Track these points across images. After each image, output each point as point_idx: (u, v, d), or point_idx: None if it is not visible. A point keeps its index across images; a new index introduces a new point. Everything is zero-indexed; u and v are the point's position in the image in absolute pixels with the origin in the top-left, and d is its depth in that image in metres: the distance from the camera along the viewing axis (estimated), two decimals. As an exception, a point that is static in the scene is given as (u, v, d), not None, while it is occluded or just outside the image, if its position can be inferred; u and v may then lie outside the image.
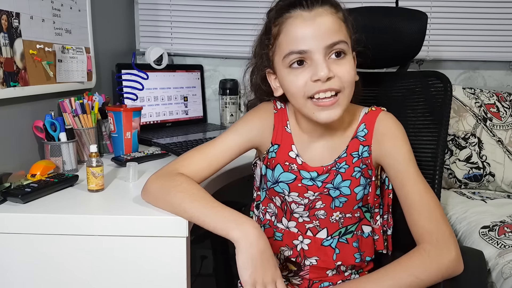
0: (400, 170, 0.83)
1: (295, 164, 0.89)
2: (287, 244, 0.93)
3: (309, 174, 0.88)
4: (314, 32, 0.76)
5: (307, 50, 0.77)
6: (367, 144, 0.87)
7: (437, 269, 0.76)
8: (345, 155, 0.88)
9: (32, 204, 0.85)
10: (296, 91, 0.80)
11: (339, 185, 0.87)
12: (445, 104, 1.01)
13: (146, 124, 1.58)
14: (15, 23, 0.99)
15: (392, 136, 0.86)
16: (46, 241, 0.81)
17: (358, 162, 0.87)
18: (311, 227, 0.91)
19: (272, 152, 0.90)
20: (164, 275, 0.82)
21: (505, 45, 1.73)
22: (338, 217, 0.90)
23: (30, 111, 1.08)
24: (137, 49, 1.83)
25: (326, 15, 0.77)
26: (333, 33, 0.77)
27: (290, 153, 0.90)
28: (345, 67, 0.78)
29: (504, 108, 1.52)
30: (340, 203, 0.88)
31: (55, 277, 0.82)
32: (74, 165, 1.09)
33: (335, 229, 0.91)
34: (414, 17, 1.11)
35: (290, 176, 0.89)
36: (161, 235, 0.80)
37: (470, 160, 1.48)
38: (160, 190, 0.82)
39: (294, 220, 0.92)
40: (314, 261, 0.92)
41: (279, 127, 0.91)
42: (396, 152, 0.84)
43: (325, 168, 0.88)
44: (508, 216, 1.24)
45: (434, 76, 1.05)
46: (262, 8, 1.73)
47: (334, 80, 0.77)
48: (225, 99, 1.77)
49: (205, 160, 0.87)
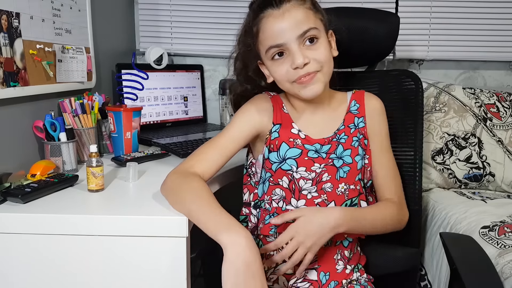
0: (381, 143, 1.01)
1: (298, 139, 0.96)
2: None
3: (313, 146, 0.96)
4: (285, 26, 0.87)
5: (282, 44, 0.88)
6: (361, 115, 1.00)
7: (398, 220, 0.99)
8: (343, 127, 0.99)
9: (32, 204, 0.85)
10: (280, 79, 0.93)
11: (341, 154, 0.96)
12: (418, 101, 1.12)
13: (146, 124, 1.58)
14: (15, 23, 0.99)
15: (380, 112, 1.02)
16: (46, 241, 0.81)
17: (356, 132, 0.99)
18: (320, 201, 0.95)
19: (275, 132, 0.97)
20: (164, 275, 0.82)
21: (505, 45, 1.73)
22: (343, 189, 0.96)
23: (30, 111, 1.08)
24: (137, 49, 1.83)
25: (294, 9, 0.88)
26: (302, 23, 0.87)
27: (292, 130, 0.97)
28: (319, 50, 0.89)
29: (504, 108, 1.52)
30: (344, 173, 0.95)
31: (55, 277, 0.83)
32: (74, 165, 1.09)
33: (342, 201, 0.95)
34: (385, 19, 1.15)
35: (296, 151, 0.95)
36: (161, 235, 0.80)
37: (470, 160, 1.48)
38: (173, 185, 0.87)
39: (303, 198, 0.95)
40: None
41: (277, 108, 0.99)
42: (381, 127, 1.01)
43: (326, 140, 0.97)
44: (508, 216, 1.23)
45: (405, 74, 1.15)
46: (262, 8, 1.74)
47: (311, 64, 0.88)
48: (225, 99, 1.77)
49: (217, 152, 0.94)
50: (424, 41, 1.74)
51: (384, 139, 1.02)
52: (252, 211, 1.03)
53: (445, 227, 1.29)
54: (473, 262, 0.90)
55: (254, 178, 1.03)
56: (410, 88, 1.13)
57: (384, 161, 1.01)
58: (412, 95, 1.12)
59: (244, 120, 0.98)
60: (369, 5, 1.58)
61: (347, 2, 0.88)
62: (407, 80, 1.13)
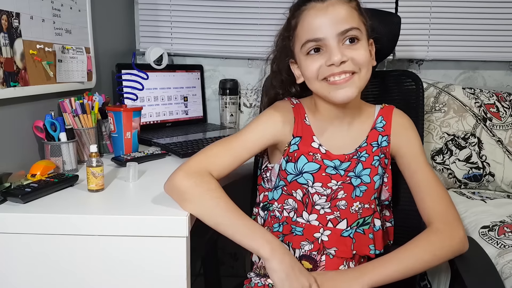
0: (414, 159, 0.94)
1: (319, 154, 0.93)
2: (308, 238, 0.93)
3: (333, 162, 0.92)
4: (326, 21, 0.83)
5: (321, 38, 0.83)
6: (386, 134, 0.95)
7: (450, 246, 0.85)
8: (365, 144, 0.94)
9: (32, 204, 0.85)
10: (310, 75, 0.87)
11: (360, 173, 0.92)
12: (419, 101, 1.12)
13: (146, 124, 1.58)
14: (15, 23, 0.99)
15: (409, 128, 0.96)
16: (46, 241, 0.81)
17: (377, 151, 0.94)
18: (332, 218, 0.93)
19: (294, 144, 0.93)
20: (164, 275, 0.82)
21: (505, 45, 1.73)
22: (357, 207, 0.93)
23: (30, 111, 1.08)
24: (137, 49, 1.83)
25: (338, 5, 0.84)
26: (345, 21, 0.83)
27: (313, 144, 0.93)
28: (359, 51, 0.84)
29: (504, 108, 1.52)
30: (360, 192, 0.92)
31: (55, 277, 0.83)
32: (74, 165, 1.09)
33: (354, 219, 0.93)
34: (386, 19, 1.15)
35: (314, 166, 0.92)
36: (161, 235, 0.81)
37: (470, 160, 1.48)
38: (194, 190, 0.84)
39: (315, 213, 0.93)
40: (333, 252, 0.93)
41: (299, 120, 0.95)
42: (412, 142, 0.95)
43: (346, 156, 0.93)
44: (508, 216, 1.24)
45: (405, 75, 1.15)
46: (262, 8, 1.75)
47: (348, 63, 0.83)
48: (225, 99, 1.77)
49: (231, 156, 0.91)
50: (424, 41, 1.74)
51: (416, 154, 0.94)
52: (260, 212, 1.02)
53: (445, 227, 1.29)
54: (473, 262, 0.90)
55: (267, 184, 1.01)
56: (411, 88, 1.13)
57: (420, 177, 0.92)
58: (413, 96, 1.12)
59: (263, 128, 0.93)
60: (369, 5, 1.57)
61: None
62: (408, 80, 1.14)
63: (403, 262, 0.84)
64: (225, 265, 1.92)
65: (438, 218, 0.88)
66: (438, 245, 0.85)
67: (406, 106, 1.11)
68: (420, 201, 0.91)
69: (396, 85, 1.15)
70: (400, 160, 0.96)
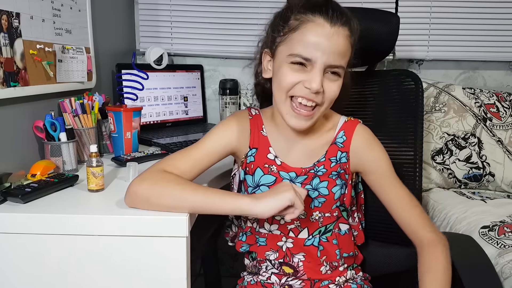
0: (383, 177, 0.92)
1: (274, 166, 0.92)
2: (272, 248, 0.95)
3: (288, 174, 0.91)
4: (325, 48, 0.80)
5: (312, 59, 0.81)
6: (345, 150, 0.92)
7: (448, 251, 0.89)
8: (323, 159, 0.92)
9: (32, 204, 0.85)
10: (285, 85, 0.84)
11: (318, 186, 0.91)
12: (418, 101, 1.11)
13: (146, 124, 1.58)
14: (15, 23, 0.99)
15: (372, 145, 0.93)
16: (46, 241, 0.81)
17: (336, 167, 0.92)
18: (293, 227, 0.94)
19: (251, 156, 0.93)
20: (164, 275, 0.82)
21: (505, 45, 1.73)
22: (318, 217, 0.93)
23: (30, 111, 1.08)
24: (137, 49, 1.83)
25: (342, 37, 0.82)
26: (339, 56, 0.82)
27: (269, 155, 0.92)
28: (335, 87, 0.84)
29: (504, 108, 1.52)
30: (319, 203, 0.92)
31: (55, 277, 0.83)
32: (74, 165, 1.09)
33: (315, 228, 0.93)
34: (385, 19, 1.14)
35: (270, 178, 0.91)
36: (161, 235, 0.81)
37: (470, 160, 1.48)
38: (153, 188, 0.82)
39: (275, 223, 0.94)
40: (302, 257, 0.94)
41: (255, 131, 0.94)
42: (377, 160, 0.92)
43: (303, 170, 0.91)
44: (508, 216, 1.24)
45: (404, 75, 1.14)
46: (262, 8, 1.75)
47: (320, 95, 0.83)
48: (225, 99, 1.77)
49: (189, 162, 0.89)
50: (424, 41, 1.74)
51: (384, 173, 0.92)
52: (234, 220, 1.04)
53: (445, 227, 1.29)
54: (472, 262, 0.90)
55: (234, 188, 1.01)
56: (410, 88, 1.13)
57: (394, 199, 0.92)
58: (412, 95, 1.12)
59: (219, 138, 0.93)
60: (369, 5, 1.58)
61: (347, 2, 0.87)
62: (407, 80, 1.14)
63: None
64: (225, 265, 1.92)
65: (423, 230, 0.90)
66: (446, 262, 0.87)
67: (406, 105, 1.12)
68: (399, 218, 0.92)
69: (396, 84, 1.15)
70: (367, 177, 0.94)
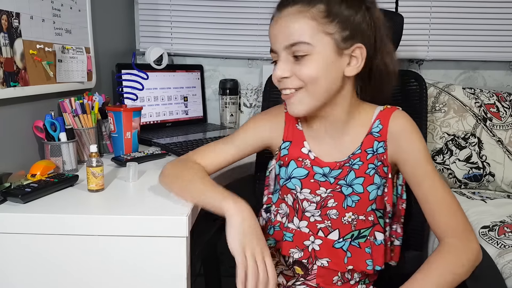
0: (418, 166, 0.84)
1: (308, 160, 0.90)
2: (297, 246, 0.91)
3: (322, 169, 0.88)
4: (276, 33, 0.80)
5: (274, 50, 0.82)
6: (382, 139, 0.86)
7: (468, 261, 0.79)
8: (359, 151, 0.87)
9: (32, 204, 0.85)
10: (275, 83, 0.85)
11: (352, 182, 0.86)
12: (422, 102, 1.10)
13: (146, 124, 1.58)
14: (15, 23, 0.99)
15: (410, 132, 0.86)
16: (46, 241, 0.81)
17: (373, 158, 0.86)
18: (323, 227, 0.90)
19: (284, 149, 0.93)
20: (164, 275, 0.82)
21: (505, 45, 1.73)
22: (350, 219, 0.88)
23: (30, 111, 1.08)
24: (137, 49, 1.83)
25: (291, 16, 0.78)
26: (292, 35, 0.78)
27: (303, 149, 0.91)
28: (305, 66, 0.79)
29: (504, 108, 1.52)
30: (352, 202, 0.87)
31: (55, 277, 0.83)
32: (74, 165, 1.09)
33: (348, 231, 0.89)
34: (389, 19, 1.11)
35: (302, 171, 0.89)
36: (161, 235, 0.81)
37: (470, 160, 1.48)
38: (174, 170, 0.91)
39: (305, 220, 0.91)
40: (325, 263, 0.89)
41: (290, 125, 0.93)
42: (413, 148, 0.85)
43: (338, 164, 0.88)
44: (508, 216, 1.24)
45: (408, 75, 1.13)
46: (262, 8, 1.75)
47: (292, 79, 0.81)
48: (225, 99, 1.77)
49: (219, 157, 0.95)
50: (424, 41, 1.74)
51: (419, 162, 0.84)
52: (263, 214, 1.02)
53: (445, 227, 1.29)
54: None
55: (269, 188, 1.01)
56: (414, 89, 1.11)
57: (427, 191, 0.83)
58: (416, 96, 1.10)
59: (254, 133, 0.95)
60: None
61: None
62: (411, 80, 1.12)
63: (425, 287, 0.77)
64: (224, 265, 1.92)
65: (450, 232, 0.81)
66: (456, 263, 0.79)
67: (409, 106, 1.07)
68: (429, 214, 0.84)
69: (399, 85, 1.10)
70: (402, 168, 0.86)
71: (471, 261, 0.79)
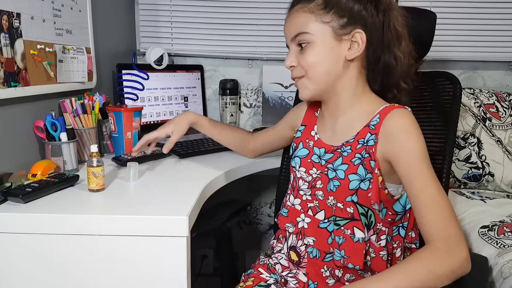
0: (409, 167, 0.81)
1: (312, 141, 0.98)
2: (292, 221, 0.97)
3: (319, 150, 0.95)
4: (285, 30, 0.93)
5: (287, 44, 0.94)
6: (375, 132, 0.85)
7: (449, 265, 0.73)
8: (352, 140, 0.89)
9: (32, 204, 0.86)
10: None
11: (337, 168, 0.89)
12: (454, 105, 0.98)
13: (146, 124, 1.58)
14: (16, 23, 1.00)
15: (403, 133, 0.83)
16: (47, 241, 0.82)
17: (361, 149, 0.86)
18: (312, 206, 0.94)
19: (299, 131, 1.03)
20: (164, 274, 0.82)
21: (505, 45, 1.74)
22: (332, 203, 0.90)
23: (31, 111, 1.08)
24: (138, 49, 1.84)
25: (295, 13, 0.89)
26: (295, 27, 0.89)
27: (312, 132, 1.00)
28: (305, 55, 0.89)
29: (504, 108, 1.52)
30: (334, 186, 0.88)
31: (55, 277, 0.83)
32: (75, 165, 1.09)
33: (330, 214, 0.91)
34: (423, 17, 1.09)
35: (304, 151, 0.98)
36: (161, 235, 0.81)
37: (469, 160, 1.49)
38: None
39: (299, 198, 0.97)
40: (311, 241, 0.92)
41: (310, 111, 1.04)
42: (406, 148, 0.81)
43: (332, 148, 0.93)
44: (507, 216, 1.24)
45: (443, 76, 1.03)
46: (262, 9, 1.75)
47: (297, 69, 0.91)
48: (225, 99, 1.78)
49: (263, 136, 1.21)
50: (424, 41, 1.74)
51: (410, 164, 0.80)
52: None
53: (445, 227, 1.29)
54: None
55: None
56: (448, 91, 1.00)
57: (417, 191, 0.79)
58: (449, 99, 0.99)
59: (287, 118, 1.13)
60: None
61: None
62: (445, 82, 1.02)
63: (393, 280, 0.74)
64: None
65: (437, 235, 0.76)
66: (434, 263, 0.74)
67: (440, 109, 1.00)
68: (418, 215, 0.79)
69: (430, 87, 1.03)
70: (395, 167, 0.84)
71: (454, 267, 0.74)
